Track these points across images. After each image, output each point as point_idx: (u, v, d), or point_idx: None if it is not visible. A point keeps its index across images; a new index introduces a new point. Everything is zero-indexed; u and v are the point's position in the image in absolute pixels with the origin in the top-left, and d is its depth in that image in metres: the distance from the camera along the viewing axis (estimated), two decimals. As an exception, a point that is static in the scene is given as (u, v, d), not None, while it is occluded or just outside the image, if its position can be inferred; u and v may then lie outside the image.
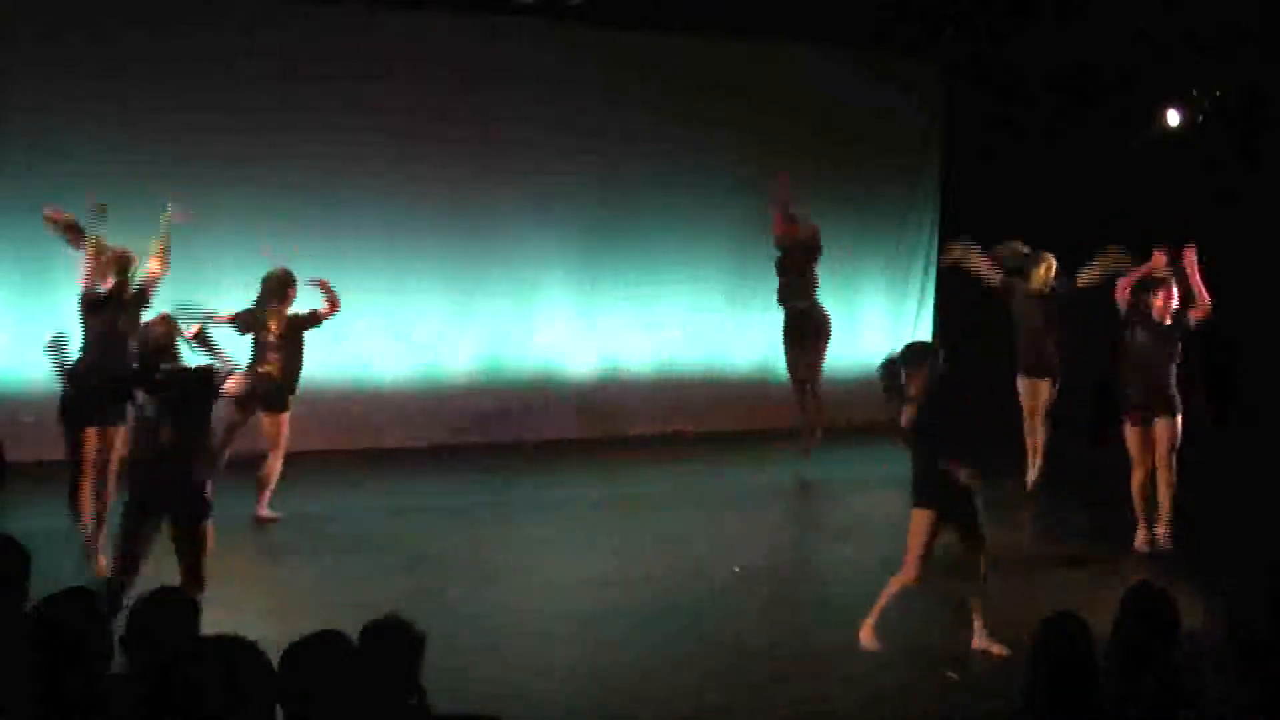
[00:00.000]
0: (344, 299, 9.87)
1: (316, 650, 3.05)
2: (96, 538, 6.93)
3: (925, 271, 12.62)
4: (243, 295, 9.91)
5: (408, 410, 10.38)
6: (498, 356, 10.92)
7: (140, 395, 5.79)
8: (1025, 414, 9.29)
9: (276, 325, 8.01)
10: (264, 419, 8.14)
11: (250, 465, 8.20)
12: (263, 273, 10.03)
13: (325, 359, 9.83)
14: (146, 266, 7.27)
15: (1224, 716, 3.45)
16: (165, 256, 7.39)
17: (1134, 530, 8.20)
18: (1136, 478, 8.06)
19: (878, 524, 8.80)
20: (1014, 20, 10.86)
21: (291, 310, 8.12)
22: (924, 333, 12.65)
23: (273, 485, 8.21)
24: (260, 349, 8.02)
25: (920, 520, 6.09)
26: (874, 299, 12.24)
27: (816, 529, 8.87)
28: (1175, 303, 7.84)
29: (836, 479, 9.84)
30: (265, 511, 8.21)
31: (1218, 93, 10.58)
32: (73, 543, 6.97)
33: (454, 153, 10.45)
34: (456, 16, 10.29)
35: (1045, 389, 9.22)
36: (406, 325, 10.47)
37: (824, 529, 8.73)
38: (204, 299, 9.58)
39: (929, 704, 5.68)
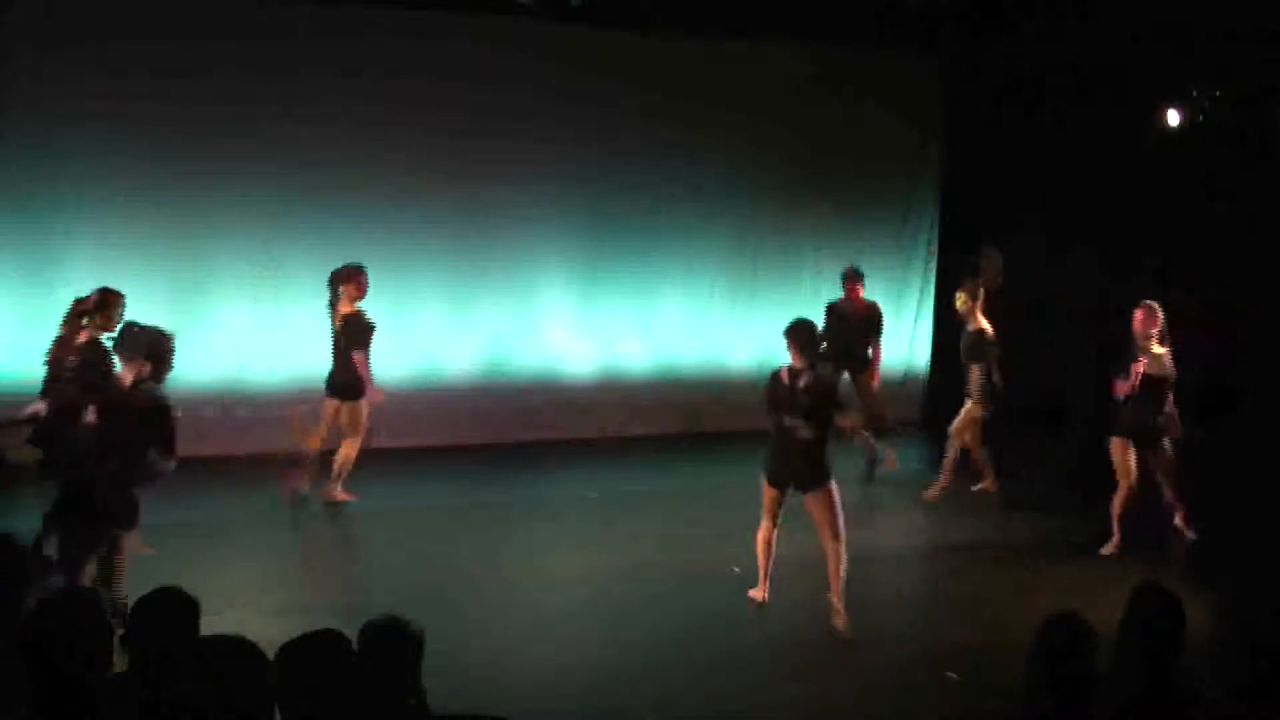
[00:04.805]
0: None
1: (313, 649, 3.05)
2: None
3: (925, 272, 12.63)
4: (242, 295, 9.97)
5: (408, 410, 10.37)
6: (498, 357, 10.92)
7: None
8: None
9: None
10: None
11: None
12: (263, 272, 10.08)
13: (326, 359, 9.86)
14: None
15: (1224, 716, 3.45)
16: None
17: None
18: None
19: (878, 522, 8.81)
20: (1014, 19, 10.85)
21: None
22: (924, 333, 12.67)
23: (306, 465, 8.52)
24: None
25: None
26: (874, 299, 12.22)
27: (815, 528, 8.84)
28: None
29: (836, 478, 9.80)
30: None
31: (1217, 93, 10.58)
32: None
33: (454, 153, 10.45)
34: (457, 16, 10.28)
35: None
36: (407, 326, 10.47)
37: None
38: (204, 300, 9.70)
39: (929, 704, 5.68)
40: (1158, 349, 7.92)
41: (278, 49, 9.81)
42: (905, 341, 12.53)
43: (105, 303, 6.86)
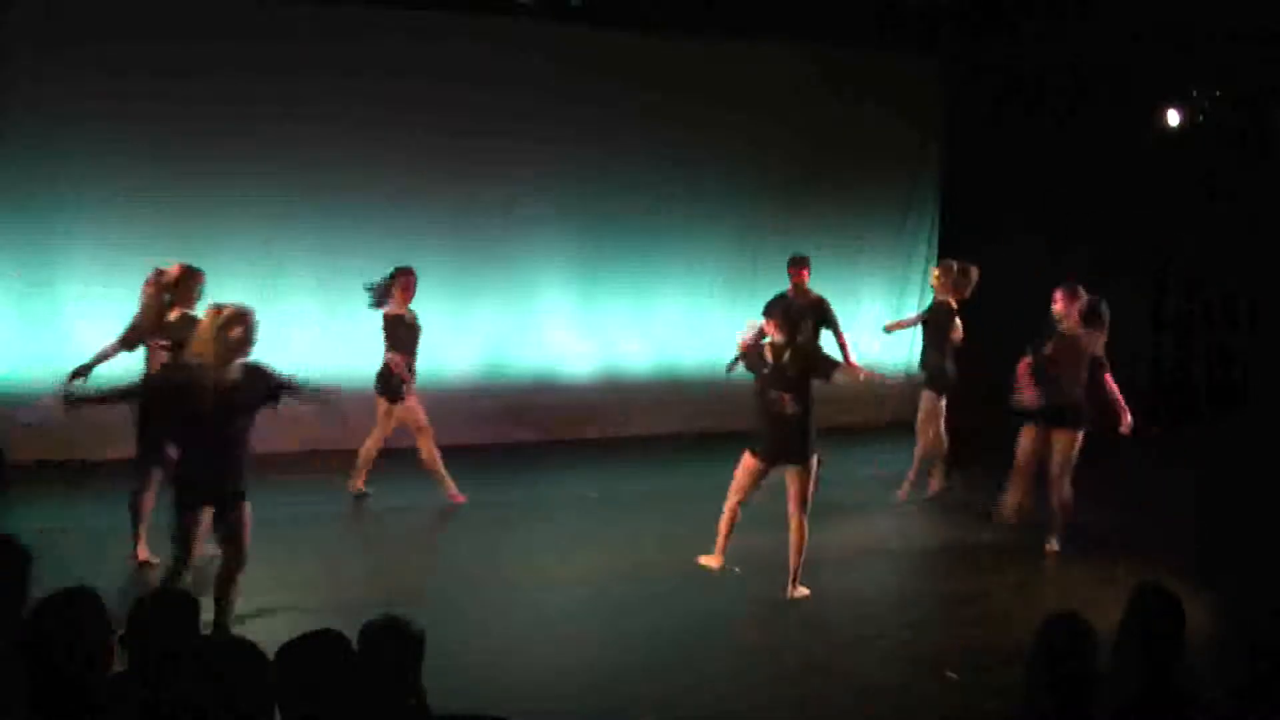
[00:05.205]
0: (344, 299, 9.89)
1: (313, 649, 3.05)
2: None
3: (925, 271, 12.62)
4: (242, 295, 9.93)
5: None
6: (498, 357, 10.92)
7: None
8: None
9: None
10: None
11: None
12: (265, 272, 10.06)
13: (325, 359, 9.85)
14: None
15: (1224, 716, 3.45)
16: None
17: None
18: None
19: (877, 522, 8.81)
20: (1014, 19, 10.87)
21: None
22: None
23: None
24: None
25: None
26: (874, 299, 12.25)
27: (815, 528, 8.84)
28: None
29: (836, 478, 9.81)
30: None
31: (1217, 93, 10.59)
32: (73, 543, 6.99)
33: (454, 153, 10.45)
34: (457, 16, 10.29)
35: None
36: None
37: (823, 528, 8.72)
38: (204, 299, 9.68)
39: (929, 704, 5.68)
40: (1078, 330, 7.76)
41: (278, 49, 9.81)
42: (906, 342, 12.54)
43: (186, 279, 6.90)
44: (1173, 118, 10.83)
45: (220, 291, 9.71)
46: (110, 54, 9.30)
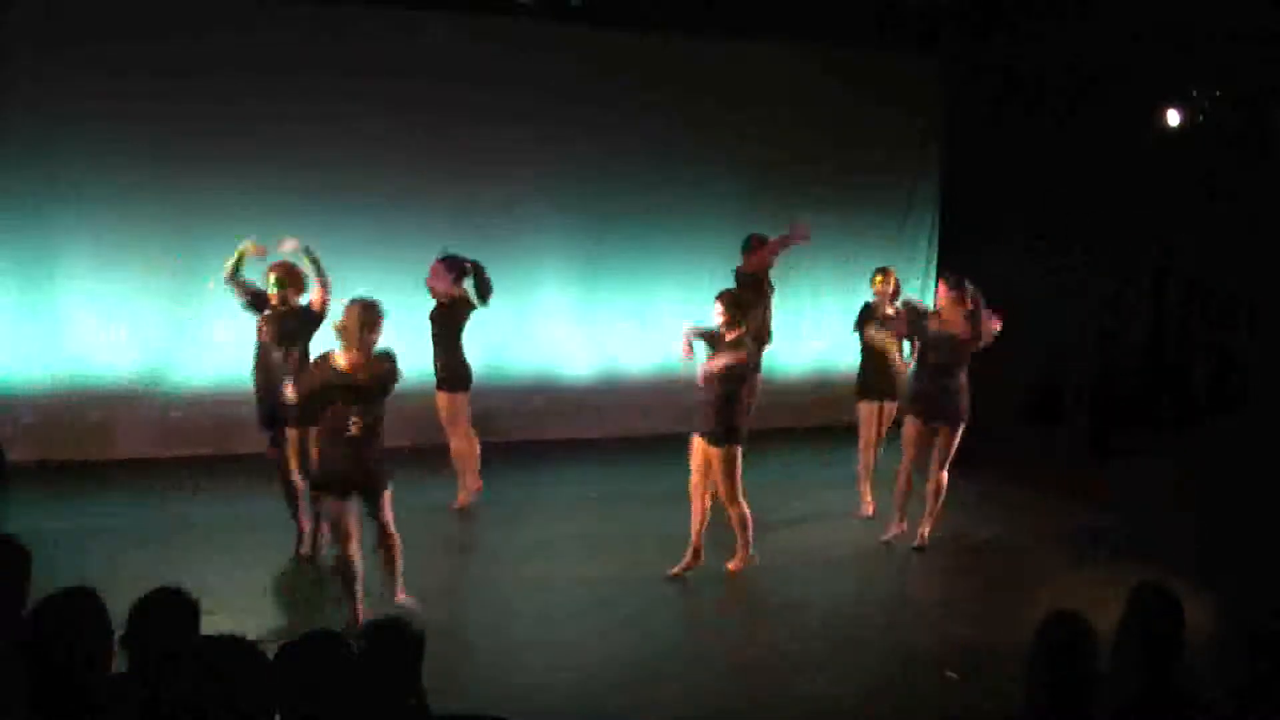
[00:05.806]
0: (344, 299, 9.84)
1: (313, 649, 3.05)
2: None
3: (925, 271, 12.63)
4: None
5: (408, 410, 10.36)
6: (498, 357, 10.91)
7: None
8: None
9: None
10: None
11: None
12: (264, 272, 10.05)
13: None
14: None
15: (1224, 716, 3.45)
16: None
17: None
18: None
19: (877, 521, 8.81)
20: (1014, 19, 10.87)
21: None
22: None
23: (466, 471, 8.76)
24: None
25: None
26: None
27: (816, 528, 8.85)
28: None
29: (838, 477, 9.82)
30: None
31: (1218, 93, 10.59)
32: (73, 543, 6.99)
33: (454, 153, 10.45)
34: (457, 16, 10.29)
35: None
36: (405, 325, 10.45)
37: (824, 527, 8.72)
38: (205, 299, 9.70)
39: (929, 704, 5.68)
40: (955, 326, 7.74)
41: (278, 48, 9.80)
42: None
43: (297, 270, 7.04)
44: (1173, 118, 10.82)
45: (221, 291, 9.78)
46: (110, 54, 9.30)
